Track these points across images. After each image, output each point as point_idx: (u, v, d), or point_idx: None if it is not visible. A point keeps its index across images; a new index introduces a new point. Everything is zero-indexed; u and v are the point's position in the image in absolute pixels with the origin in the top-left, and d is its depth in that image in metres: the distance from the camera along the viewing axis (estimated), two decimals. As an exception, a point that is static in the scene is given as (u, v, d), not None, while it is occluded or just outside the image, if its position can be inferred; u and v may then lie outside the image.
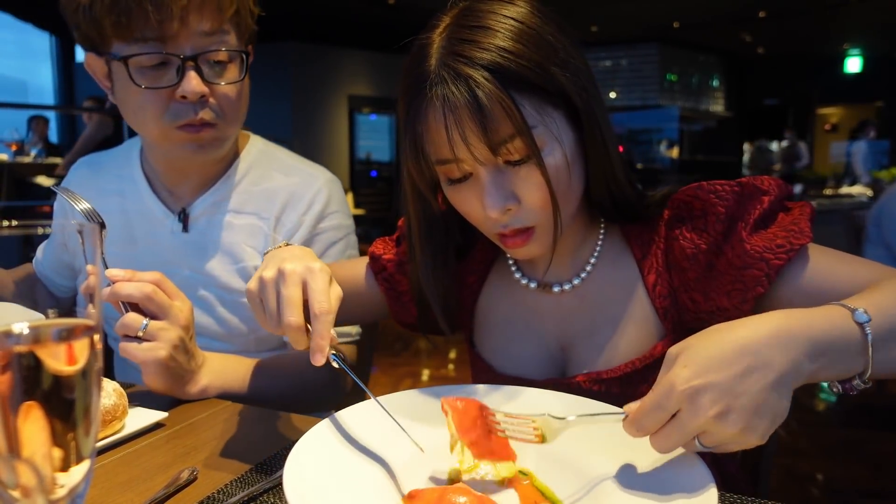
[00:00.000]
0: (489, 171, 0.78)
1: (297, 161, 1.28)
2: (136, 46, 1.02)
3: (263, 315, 0.73)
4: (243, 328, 1.19)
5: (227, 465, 0.75)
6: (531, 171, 0.77)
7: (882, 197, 3.03)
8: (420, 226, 0.91)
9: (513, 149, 0.76)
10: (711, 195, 0.82)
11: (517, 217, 0.80)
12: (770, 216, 0.79)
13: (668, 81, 11.82)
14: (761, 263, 0.76)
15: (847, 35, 11.30)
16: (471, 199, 0.81)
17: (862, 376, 0.63)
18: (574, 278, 0.93)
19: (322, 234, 1.21)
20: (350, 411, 0.75)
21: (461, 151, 0.76)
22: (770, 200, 0.79)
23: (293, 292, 0.70)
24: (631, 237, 0.91)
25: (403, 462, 0.70)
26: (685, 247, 0.84)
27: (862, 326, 0.61)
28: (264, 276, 0.72)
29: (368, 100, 11.19)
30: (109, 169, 1.29)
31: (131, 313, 0.88)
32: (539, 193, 0.78)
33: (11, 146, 7.67)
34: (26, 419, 0.42)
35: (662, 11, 9.25)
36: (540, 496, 0.65)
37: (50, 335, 0.46)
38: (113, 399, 0.82)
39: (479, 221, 0.84)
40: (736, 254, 0.78)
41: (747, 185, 0.80)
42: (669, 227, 0.87)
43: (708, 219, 0.82)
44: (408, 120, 0.80)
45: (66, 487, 0.44)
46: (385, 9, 8.62)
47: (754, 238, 0.78)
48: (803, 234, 0.76)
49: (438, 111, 0.75)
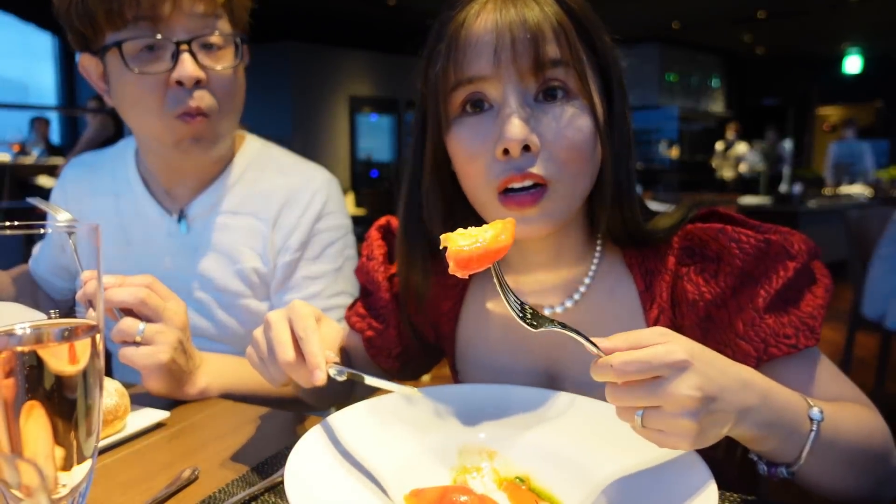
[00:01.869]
0: (518, 98, 0.73)
1: (294, 161, 1.28)
2: (129, 31, 1.02)
3: (265, 368, 0.75)
4: (240, 330, 1.19)
5: (228, 464, 0.75)
6: (563, 113, 0.73)
7: None
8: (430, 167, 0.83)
9: (554, 78, 0.73)
10: (733, 244, 0.76)
11: (533, 160, 0.73)
12: (793, 288, 0.74)
13: (668, 81, 11.81)
14: (760, 345, 0.74)
15: (847, 35, 11.30)
16: (483, 133, 0.75)
17: (790, 467, 0.65)
18: (566, 300, 0.86)
19: (320, 234, 1.20)
20: (350, 411, 0.75)
21: (504, 64, 0.72)
22: (796, 269, 0.74)
23: (280, 333, 0.72)
24: (633, 264, 0.84)
25: (404, 460, 0.70)
26: (688, 290, 0.79)
27: (812, 423, 0.64)
28: (254, 333, 0.76)
29: (369, 100, 11.19)
30: (104, 169, 1.29)
31: (126, 319, 0.88)
32: (564, 141, 0.73)
33: (13, 147, 7.68)
34: (28, 419, 0.42)
35: (662, 11, 9.25)
36: (537, 501, 0.65)
37: (52, 335, 0.46)
38: (114, 399, 0.82)
39: (482, 167, 0.75)
40: (743, 319, 0.75)
41: (775, 243, 0.75)
42: (679, 260, 0.81)
43: (721, 267, 0.77)
44: (440, 35, 0.77)
45: (68, 486, 0.44)
46: (385, 9, 8.62)
47: (768, 317, 0.74)
48: (814, 334, 0.73)
49: (489, 22, 0.73)
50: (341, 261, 1.23)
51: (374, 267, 0.97)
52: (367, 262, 0.99)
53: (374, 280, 0.97)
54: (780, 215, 6.76)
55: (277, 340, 0.71)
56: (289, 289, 1.18)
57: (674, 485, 0.60)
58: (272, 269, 1.18)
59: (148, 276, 0.91)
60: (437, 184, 0.83)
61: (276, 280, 1.18)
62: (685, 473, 0.61)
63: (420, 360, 1.04)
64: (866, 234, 3.17)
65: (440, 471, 0.70)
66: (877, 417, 0.74)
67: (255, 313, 1.19)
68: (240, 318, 1.19)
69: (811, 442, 0.63)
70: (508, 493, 0.66)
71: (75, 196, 1.29)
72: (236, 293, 1.17)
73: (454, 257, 0.56)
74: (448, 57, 0.75)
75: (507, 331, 0.90)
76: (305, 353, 0.70)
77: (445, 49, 0.75)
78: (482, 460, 0.72)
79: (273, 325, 0.72)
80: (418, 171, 0.85)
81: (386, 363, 1.00)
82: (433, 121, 0.80)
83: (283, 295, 1.19)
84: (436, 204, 0.84)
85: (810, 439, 0.63)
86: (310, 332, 0.70)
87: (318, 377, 0.69)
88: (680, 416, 0.55)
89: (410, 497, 0.64)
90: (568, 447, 0.71)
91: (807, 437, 0.63)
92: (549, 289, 0.87)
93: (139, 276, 0.91)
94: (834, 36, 11.27)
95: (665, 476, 0.62)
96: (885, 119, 12.36)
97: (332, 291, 1.20)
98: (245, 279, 1.17)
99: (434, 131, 0.80)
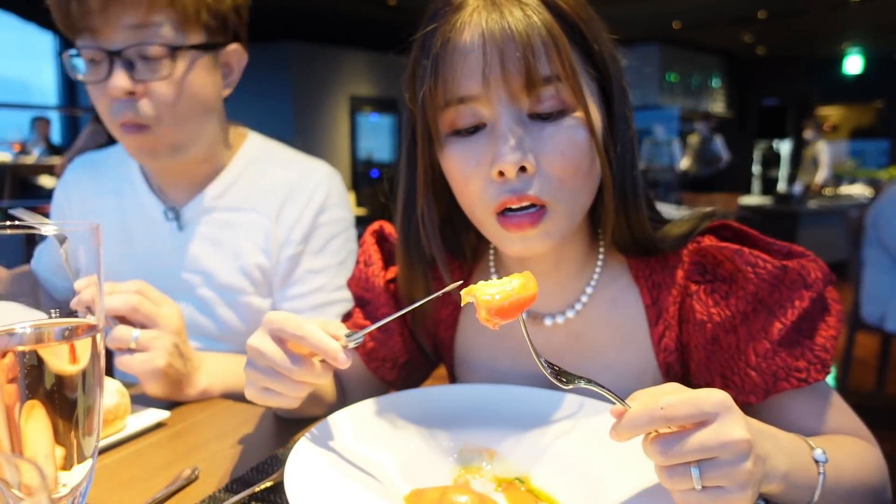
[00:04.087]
0: (512, 117, 0.69)
1: (295, 156, 1.28)
2: (79, 40, 1.02)
3: (275, 395, 0.67)
4: (242, 327, 1.19)
5: (228, 464, 0.75)
6: (557, 131, 0.70)
7: (879, 198, 3.03)
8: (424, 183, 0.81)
9: (547, 95, 0.69)
10: (749, 267, 0.73)
11: (530, 182, 0.70)
12: (807, 318, 0.73)
13: (668, 82, 11.80)
14: (770, 378, 0.73)
15: (847, 35, 11.29)
16: (477, 154, 0.71)
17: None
18: (568, 310, 0.83)
19: (322, 227, 1.20)
20: (350, 411, 0.75)
21: (493, 84, 0.68)
22: (811, 298, 0.72)
23: (272, 352, 0.65)
24: (640, 276, 0.81)
25: (404, 461, 0.70)
26: (696, 309, 0.77)
27: (819, 465, 0.62)
28: (245, 371, 0.68)
29: (369, 100, 11.18)
30: (106, 168, 1.29)
31: (120, 326, 0.88)
32: (561, 160, 0.70)
33: (14, 146, 7.69)
34: (29, 418, 0.42)
35: (662, 11, 9.24)
36: (536, 502, 0.65)
37: (52, 335, 0.46)
38: (115, 398, 0.82)
39: (478, 189, 0.72)
40: (755, 349, 0.73)
41: (792, 270, 0.72)
42: (689, 276, 0.79)
43: (733, 290, 0.75)
44: (425, 50, 0.72)
45: (69, 486, 0.44)
46: (386, 9, 8.62)
47: (781, 349, 0.72)
48: (825, 368, 0.72)
49: (475, 36, 0.68)
50: (344, 254, 1.23)
51: (374, 272, 0.95)
52: (366, 267, 0.96)
53: (374, 286, 0.95)
54: (780, 215, 6.77)
55: (274, 359, 0.65)
56: (292, 283, 1.19)
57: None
58: (275, 263, 1.18)
59: (139, 282, 0.91)
60: (432, 201, 0.80)
61: (279, 275, 1.18)
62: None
63: (422, 368, 1.02)
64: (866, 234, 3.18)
65: (440, 471, 0.70)
66: (874, 452, 0.74)
67: (257, 310, 1.19)
68: (241, 316, 1.19)
69: (821, 486, 0.62)
70: (507, 493, 0.66)
71: (78, 197, 1.29)
72: (239, 290, 1.18)
73: (486, 307, 0.56)
74: (435, 75, 0.71)
75: (505, 336, 0.88)
76: (314, 346, 0.64)
77: (432, 67, 0.71)
78: (482, 460, 0.72)
79: (262, 350, 0.65)
80: (412, 191, 0.82)
81: (389, 375, 0.97)
82: (424, 137, 0.77)
83: (286, 290, 1.19)
84: (432, 222, 0.81)
85: (820, 483, 0.62)
86: (304, 327, 0.64)
87: (341, 362, 0.64)
88: (738, 462, 0.51)
89: (410, 497, 0.64)
90: (568, 448, 0.71)
91: (817, 481, 0.62)
92: (549, 298, 0.84)
93: (130, 282, 0.90)
94: (834, 36, 11.26)
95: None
96: (885, 119, 12.35)
97: (336, 285, 1.20)
98: (248, 275, 1.17)
99: (425, 147, 0.78)
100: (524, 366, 0.88)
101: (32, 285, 1.57)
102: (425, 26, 0.74)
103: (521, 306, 0.56)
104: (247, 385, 0.69)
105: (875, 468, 0.72)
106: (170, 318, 0.90)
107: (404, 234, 0.85)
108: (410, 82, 0.77)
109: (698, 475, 0.51)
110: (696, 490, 0.51)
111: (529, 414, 0.76)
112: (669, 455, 0.52)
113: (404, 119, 0.82)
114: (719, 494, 0.51)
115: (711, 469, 0.51)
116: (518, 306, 0.56)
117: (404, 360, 0.96)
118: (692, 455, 0.51)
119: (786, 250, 0.76)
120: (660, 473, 0.53)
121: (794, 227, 6.79)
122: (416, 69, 0.75)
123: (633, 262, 0.82)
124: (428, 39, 0.73)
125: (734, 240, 0.79)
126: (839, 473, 0.65)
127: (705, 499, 0.51)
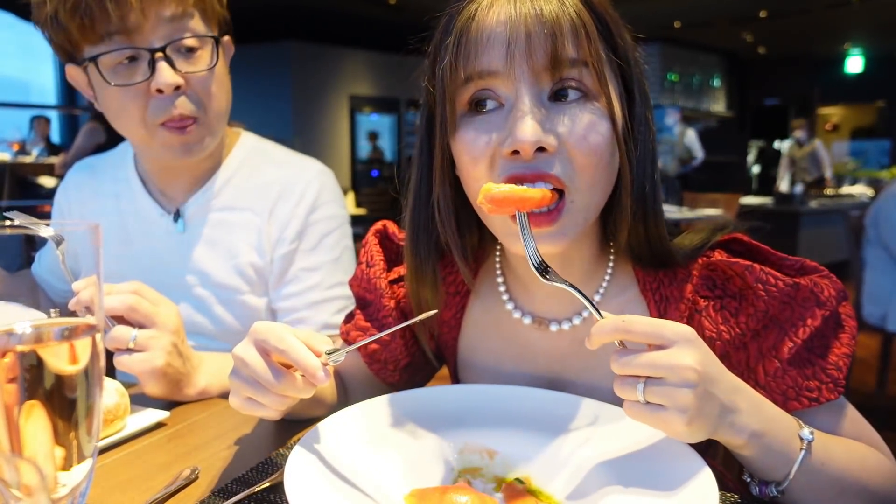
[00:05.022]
0: (533, 96, 0.68)
1: (288, 154, 1.28)
2: (104, 45, 1.01)
3: (258, 406, 0.66)
4: (238, 326, 1.19)
5: (228, 464, 0.75)
6: (581, 114, 0.68)
7: (879, 198, 3.04)
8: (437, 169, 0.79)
9: (571, 79, 0.68)
10: (759, 284, 0.72)
11: (551, 162, 0.68)
12: (819, 337, 0.72)
13: (669, 81, 11.80)
14: (780, 397, 0.71)
15: (848, 35, 11.28)
16: (490, 132, 0.70)
17: (778, 486, 0.65)
18: (574, 317, 0.82)
19: (315, 224, 1.20)
20: (350, 411, 0.75)
21: (518, 60, 0.67)
22: (824, 316, 0.70)
23: (255, 363, 0.64)
24: (647, 289, 0.80)
25: (404, 461, 0.70)
26: (705, 325, 0.76)
27: (802, 442, 0.64)
28: (230, 379, 0.67)
29: (369, 100, 11.19)
30: (105, 171, 1.30)
31: (118, 327, 0.88)
32: (583, 144, 0.68)
33: (13, 146, 7.69)
34: (28, 418, 0.42)
35: (663, 11, 9.24)
36: (536, 502, 0.65)
37: (52, 334, 0.46)
38: (114, 398, 0.82)
39: (488, 167, 0.71)
40: (765, 367, 0.73)
41: (804, 288, 0.71)
42: (697, 290, 0.77)
43: (742, 306, 0.74)
44: (448, 29, 0.71)
45: (68, 486, 0.44)
46: (386, 9, 8.61)
47: (792, 369, 0.71)
48: (837, 387, 0.70)
49: (503, 14, 0.67)
50: (339, 251, 1.23)
51: (377, 273, 0.93)
52: (368, 269, 0.95)
53: (376, 287, 0.93)
54: (781, 215, 6.77)
55: (255, 370, 0.63)
56: (287, 282, 1.19)
57: (674, 486, 0.60)
58: (269, 262, 1.18)
59: (135, 283, 0.91)
60: (448, 187, 0.78)
61: (274, 274, 1.19)
62: (687, 474, 0.61)
63: (424, 370, 1.01)
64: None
65: (440, 471, 0.70)
66: (887, 460, 0.73)
67: (253, 309, 1.19)
68: (237, 315, 1.19)
69: (800, 461, 0.63)
70: (507, 493, 0.66)
71: (78, 200, 1.31)
72: (234, 289, 1.18)
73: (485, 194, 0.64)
74: (457, 50, 0.69)
75: (510, 339, 0.88)
76: (294, 361, 0.62)
77: (454, 42, 0.69)
78: (482, 460, 0.72)
79: (245, 360, 0.64)
80: (425, 180, 0.80)
81: (391, 377, 0.96)
82: (441, 121, 0.74)
83: (282, 289, 1.19)
84: (447, 208, 0.78)
85: (799, 458, 0.63)
86: (287, 340, 0.63)
87: (319, 379, 0.63)
88: (681, 386, 0.56)
89: (410, 497, 0.64)
90: (568, 448, 0.71)
91: (796, 456, 0.63)
92: (556, 303, 0.83)
93: (126, 282, 0.90)
94: (836, 36, 11.26)
95: (666, 477, 0.62)
96: (886, 119, 12.35)
97: (331, 282, 1.20)
98: (242, 274, 1.18)
99: (442, 132, 0.75)
100: (528, 368, 0.87)
101: (32, 286, 1.57)
102: (450, 8, 0.74)
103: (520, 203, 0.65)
104: (231, 394, 0.68)
105: (879, 473, 0.70)
106: (168, 317, 0.90)
107: (414, 226, 0.83)
108: (430, 65, 0.76)
109: (642, 389, 0.58)
110: (640, 403, 0.59)
111: (530, 414, 0.76)
112: (621, 364, 0.59)
113: (421, 105, 0.81)
114: (657, 411, 0.58)
115: (655, 386, 0.57)
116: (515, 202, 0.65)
117: (406, 363, 0.96)
118: (640, 369, 0.58)
119: (798, 265, 0.74)
120: (615, 382, 0.60)
121: (795, 227, 6.78)
122: (438, 50, 0.74)
123: (641, 275, 0.80)
124: (452, 18, 0.72)
125: (745, 255, 0.78)
126: (827, 458, 0.65)
127: (645, 412, 0.58)
